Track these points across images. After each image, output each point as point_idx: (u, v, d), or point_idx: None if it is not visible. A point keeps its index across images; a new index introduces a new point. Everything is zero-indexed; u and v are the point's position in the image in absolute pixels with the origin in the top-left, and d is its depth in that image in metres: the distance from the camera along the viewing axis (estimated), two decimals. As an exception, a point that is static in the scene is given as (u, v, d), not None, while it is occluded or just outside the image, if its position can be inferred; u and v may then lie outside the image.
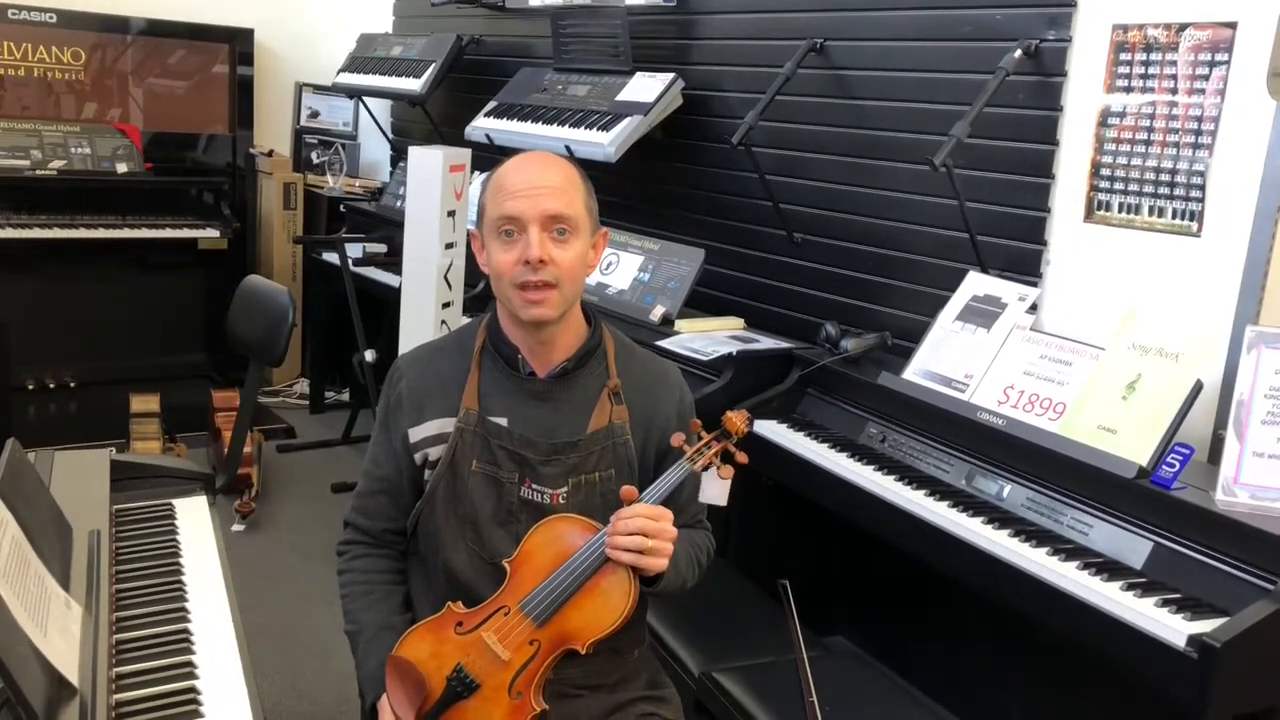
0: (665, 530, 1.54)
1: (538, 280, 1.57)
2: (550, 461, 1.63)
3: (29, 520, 1.38)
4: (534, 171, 1.61)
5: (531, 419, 1.65)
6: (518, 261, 1.57)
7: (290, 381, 5.26)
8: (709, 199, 3.46)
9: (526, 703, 1.54)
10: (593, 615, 1.55)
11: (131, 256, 4.73)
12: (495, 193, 1.61)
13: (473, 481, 1.64)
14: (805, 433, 2.56)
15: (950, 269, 2.65)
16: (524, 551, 1.58)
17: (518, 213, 1.57)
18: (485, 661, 1.54)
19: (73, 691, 1.21)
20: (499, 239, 1.60)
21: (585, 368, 1.68)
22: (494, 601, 1.58)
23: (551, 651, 1.56)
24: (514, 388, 1.66)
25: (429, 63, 4.41)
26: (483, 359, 1.69)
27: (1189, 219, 2.24)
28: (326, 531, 3.76)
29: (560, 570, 1.55)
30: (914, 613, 2.72)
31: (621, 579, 1.55)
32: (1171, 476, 1.90)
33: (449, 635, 1.58)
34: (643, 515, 1.52)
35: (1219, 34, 2.17)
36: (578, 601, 1.55)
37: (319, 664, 2.96)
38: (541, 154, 1.68)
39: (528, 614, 1.55)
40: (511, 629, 1.55)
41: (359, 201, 4.94)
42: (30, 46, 4.56)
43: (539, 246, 1.56)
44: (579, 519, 1.59)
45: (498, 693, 1.54)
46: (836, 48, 2.98)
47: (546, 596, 1.55)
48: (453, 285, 3.19)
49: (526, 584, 1.56)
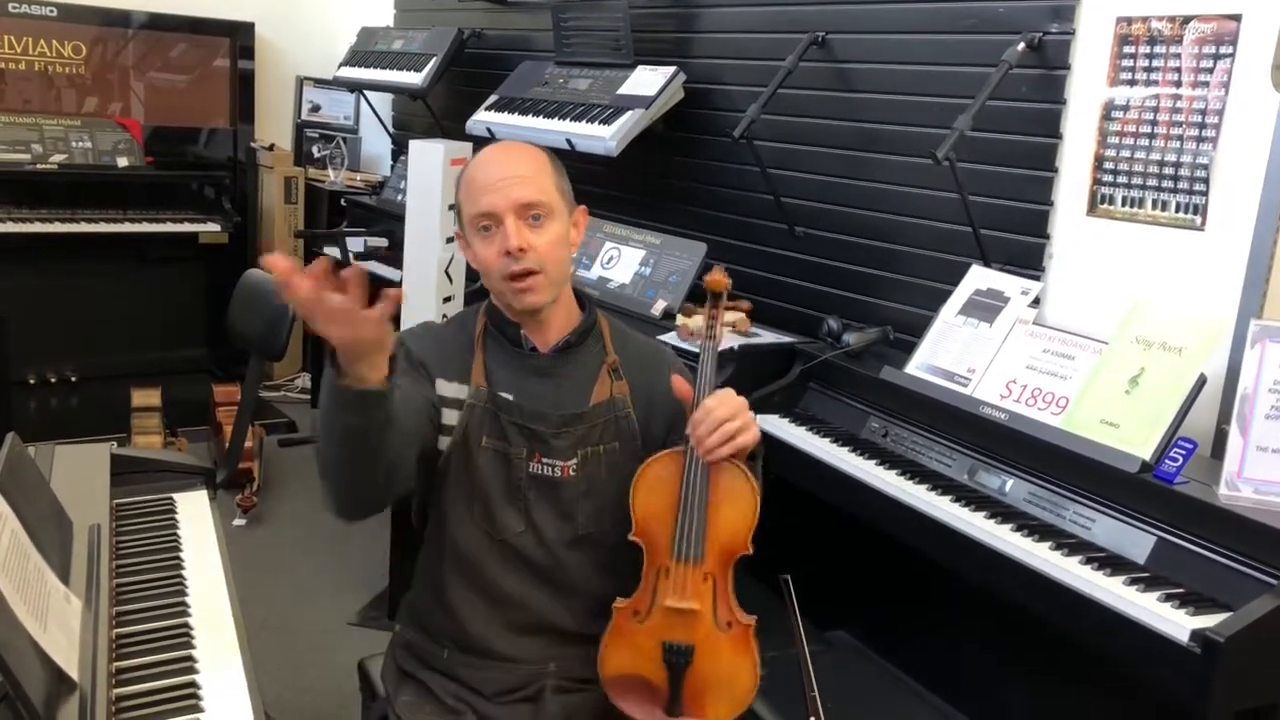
0: (737, 406, 1.55)
1: (521, 269, 1.59)
2: (560, 434, 1.65)
3: (29, 515, 1.38)
4: (501, 163, 1.63)
5: (537, 394, 1.67)
6: (499, 254, 1.60)
7: (291, 376, 5.26)
8: (710, 193, 3.45)
9: (738, 624, 1.60)
10: (736, 518, 1.58)
11: (132, 251, 4.73)
12: (467, 191, 1.64)
13: (483, 458, 1.64)
14: (807, 427, 2.55)
15: (953, 263, 2.64)
16: (640, 515, 1.60)
17: (491, 207, 1.60)
18: (682, 623, 1.56)
19: (72, 686, 1.20)
20: (479, 235, 1.63)
21: (584, 345, 1.71)
22: (648, 574, 1.60)
23: (725, 572, 1.60)
24: (518, 364, 1.68)
25: (430, 56, 4.39)
26: (486, 340, 1.70)
27: (1192, 212, 2.23)
28: (328, 525, 3.76)
29: (682, 507, 1.57)
30: (916, 608, 2.72)
31: (735, 473, 1.58)
32: (1175, 471, 1.90)
33: (635, 627, 1.60)
34: (710, 408, 1.53)
35: (1223, 26, 2.16)
36: (715, 519, 1.57)
37: (320, 658, 2.96)
38: (506, 144, 1.73)
39: (684, 561, 1.57)
40: (682, 582, 1.57)
41: (360, 195, 4.93)
42: (31, 40, 4.56)
43: (516, 236, 1.58)
44: (659, 458, 1.61)
45: (711, 636, 1.58)
46: (839, 41, 2.97)
47: (688, 535, 1.56)
48: (454, 279, 3.18)
49: (662, 539, 1.58)
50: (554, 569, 1.66)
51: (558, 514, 1.65)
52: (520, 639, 1.66)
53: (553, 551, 1.65)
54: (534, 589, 1.66)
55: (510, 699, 1.65)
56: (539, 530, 1.65)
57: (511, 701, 1.65)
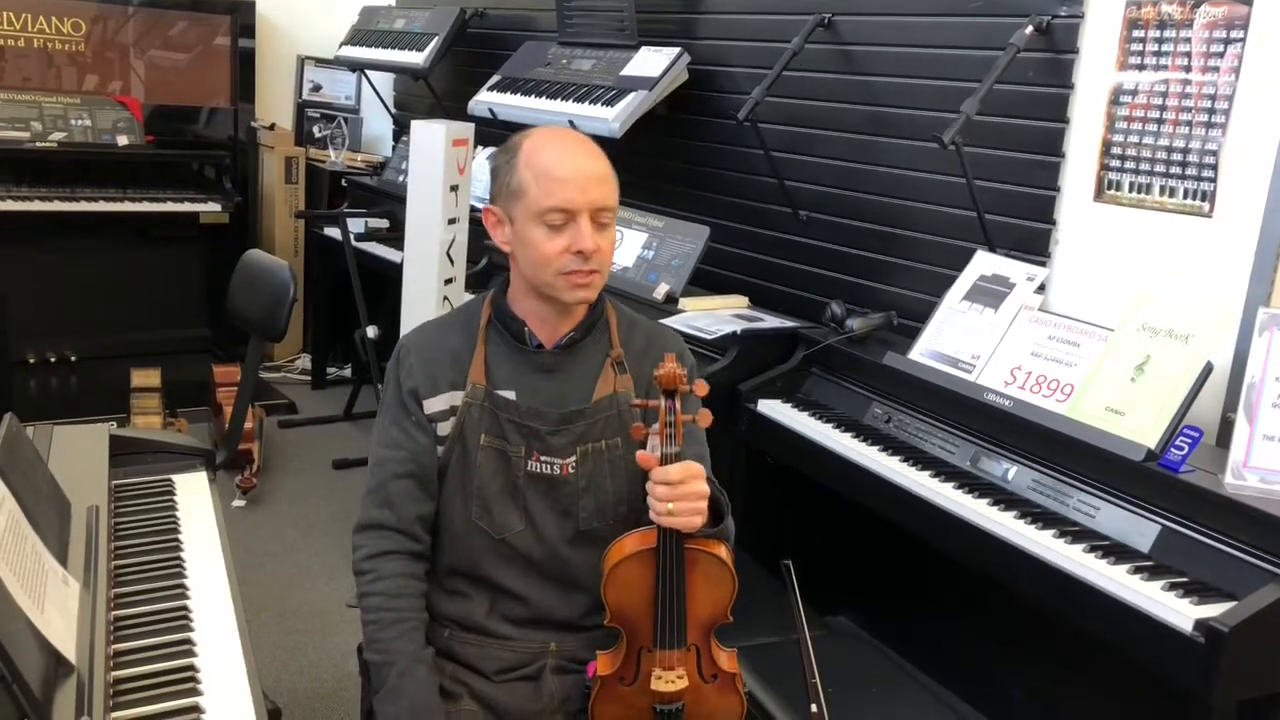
0: (686, 485, 1.49)
1: (586, 269, 1.57)
2: (559, 431, 1.63)
3: (27, 496, 1.37)
4: (581, 159, 1.59)
5: (539, 390, 1.65)
6: (565, 250, 1.56)
7: (292, 357, 5.25)
8: (714, 176, 3.43)
9: (722, 674, 1.62)
10: (716, 598, 1.58)
11: (132, 230, 4.72)
12: (541, 179, 1.57)
13: (481, 456, 1.63)
14: (810, 412, 2.54)
15: (958, 248, 2.62)
16: (614, 607, 1.57)
17: (569, 204, 1.56)
18: (669, 688, 1.57)
19: (70, 669, 1.20)
20: (543, 226, 1.57)
21: (589, 338, 1.69)
22: (630, 647, 1.59)
23: (709, 640, 1.61)
24: (521, 360, 1.66)
25: (432, 36, 4.37)
26: (489, 333, 1.68)
27: (1200, 199, 2.21)
28: (328, 507, 3.76)
29: (660, 601, 1.54)
30: (917, 594, 2.71)
31: (706, 554, 1.56)
32: (1180, 459, 1.89)
33: (624, 691, 1.60)
34: (665, 485, 1.48)
35: (1234, 11, 2.13)
36: (694, 605, 1.56)
37: (319, 640, 2.95)
38: (578, 138, 1.65)
39: (667, 646, 1.56)
40: (668, 662, 1.56)
41: (361, 176, 4.91)
42: (30, 17, 4.53)
43: (590, 238, 1.56)
44: (627, 553, 1.56)
45: (699, 692, 1.60)
46: (845, 22, 2.94)
47: (670, 626, 1.55)
48: (455, 261, 3.16)
49: (642, 626, 1.57)
50: (555, 565, 1.65)
51: (557, 511, 1.65)
52: (521, 629, 1.67)
53: (553, 548, 1.64)
54: (535, 585, 1.65)
55: (510, 678, 1.65)
56: (538, 528, 1.64)
57: (511, 680, 1.65)
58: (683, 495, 1.48)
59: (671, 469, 1.48)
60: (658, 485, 1.48)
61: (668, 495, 1.47)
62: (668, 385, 1.49)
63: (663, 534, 1.51)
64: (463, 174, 3.10)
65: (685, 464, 1.49)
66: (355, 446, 4.20)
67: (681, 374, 1.49)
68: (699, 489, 1.50)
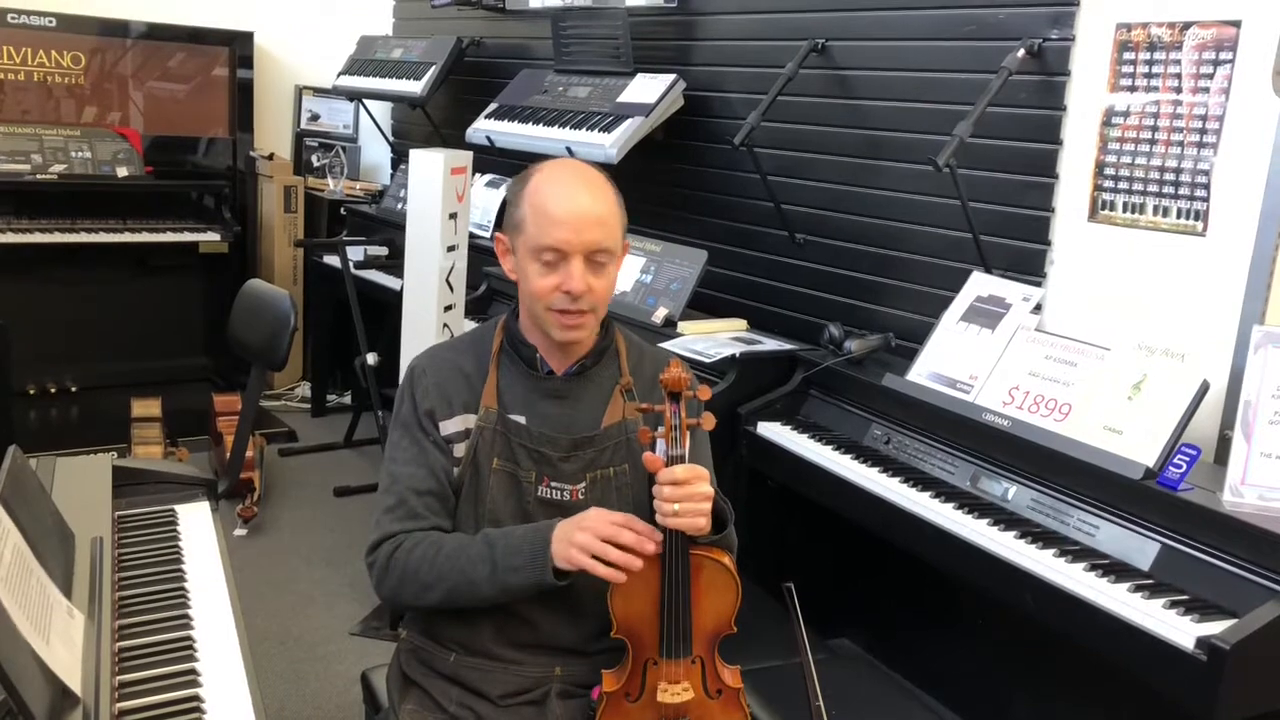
0: (692, 485, 1.50)
1: (575, 309, 1.58)
2: (569, 458, 1.64)
3: (31, 528, 1.37)
4: (580, 199, 1.58)
5: (549, 416, 1.66)
6: (556, 289, 1.58)
7: (292, 385, 5.26)
8: (711, 200, 3.45)
9: (727, 689, 1.62)
10: (721, 607, 1.58)
11: (132, 260, 4.74)
12: (538, 217, 1.58)
13: (493, 479, 1.64)
14: (809, 434, 2.55)
15: (954, 269, 2.64)
16: (620, 618, 1.57)
17: (562, 244, 1.56)
18: (675, 702, 1.57)
19: (75, 701, 1.20)
20: (538, 263, 1.59)
21: (600, 365, 1.70)
22: (636, 662, 1.59)
23: (713, 652, 1.61)
24: (532, 386, 1.67)
25: (429, 65, 4.40)
26: (500, 359, 1.69)
27: (1194, 218, 2.23)
28: (329, 535, 3.76)
29: (665, 609, 1.55)
30: (919, 615, 2.71)
31: (711, 561, 1.56)
32: (1178, 477, 1.89)
33: (630, 708, 1.60)
34: (671, 485, 1.49)
35: (1223, 33, 2.16)
36: (699, 614, 1.56)
37: (322, 668, 2.95)
38: (584, 173, 1.64)
39: (673, 655, 1.56)
40: (674, 674, 1.56)
41: (360, 204, 4.93)
42: (30, 50, 4.56)
43: (580, 279, 1.56)
44: None
45: (704, 707, 1.60)
46: (838, 48, 2.97)
47: (676, 635, 1.55)
48: (454, 288, 3.18)
49: (648, 638, 1.58)
50: (562, 591, 1.64)
51: None
52: (527, 653, 1.67)
53: None
54: (543, 611, 1.65)
55: (515, 702, 1.65)
56: None
57: (517, 704, 1.65)
58: (688, 496, 1.49)
59: (678, 469, 1.49)
60: (664, 486, 1.49)
61: (674, 495, 1.48)
62: (673, 388, 1.51)
63: (668, 538, 1.52)
64: (461, 201, 3.11)
65: (691, 465, 1.50)
66: (356, 474, 4.20)
67: (686, 377, 1.51)
68: (704, 490, 1.51)
